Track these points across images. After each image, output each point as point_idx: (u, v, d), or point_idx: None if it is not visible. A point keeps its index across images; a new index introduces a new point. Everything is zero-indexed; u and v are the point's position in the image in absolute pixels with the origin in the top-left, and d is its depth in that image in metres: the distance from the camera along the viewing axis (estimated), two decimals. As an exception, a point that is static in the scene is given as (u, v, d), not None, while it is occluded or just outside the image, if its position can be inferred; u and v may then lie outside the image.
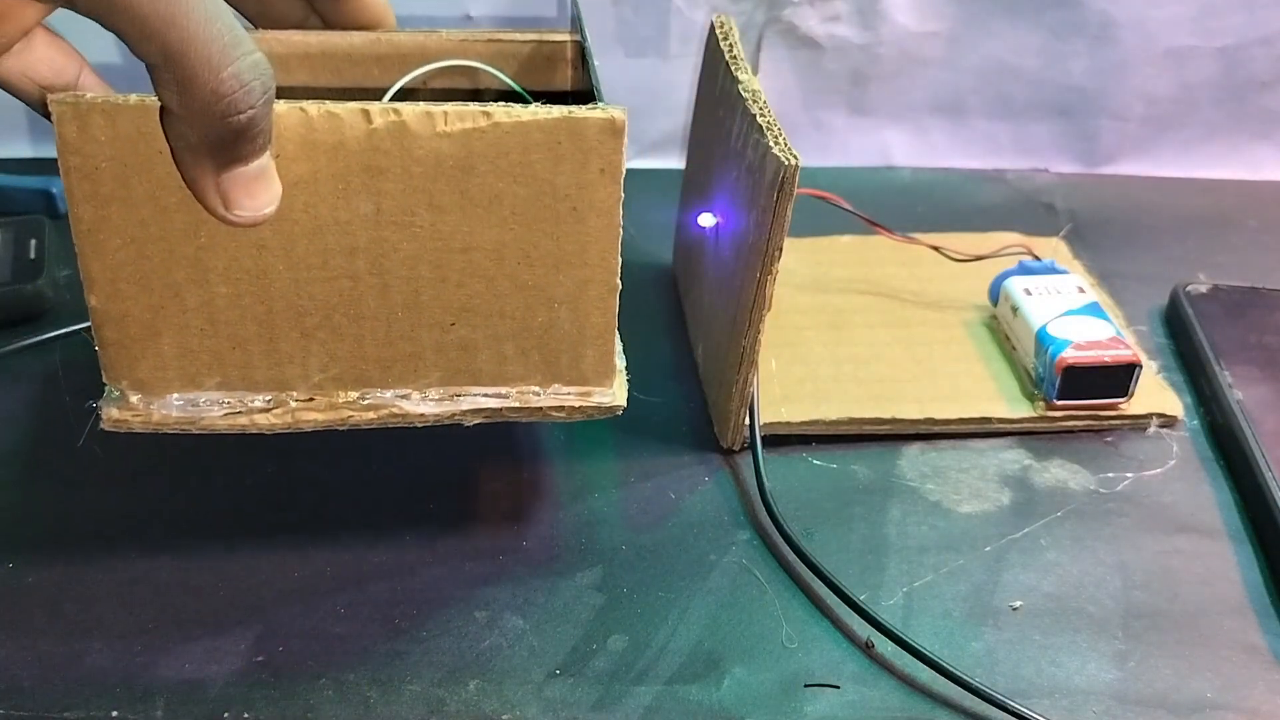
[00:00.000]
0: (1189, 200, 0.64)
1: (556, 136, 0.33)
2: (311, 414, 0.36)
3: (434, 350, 0.36)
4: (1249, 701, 0.36)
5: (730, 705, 0.36)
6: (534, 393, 0.37)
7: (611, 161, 0.34)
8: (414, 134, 0.33)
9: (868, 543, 0.42)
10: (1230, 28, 0.63)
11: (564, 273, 0.35)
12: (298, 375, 0.36)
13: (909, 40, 0.64)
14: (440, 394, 0.37)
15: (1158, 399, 0.48)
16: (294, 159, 0.32)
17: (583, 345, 0.37)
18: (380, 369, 0.36)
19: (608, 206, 0.35)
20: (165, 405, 0.36)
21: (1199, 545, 0.42)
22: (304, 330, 0.35)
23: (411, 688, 0.36)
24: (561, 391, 0.38)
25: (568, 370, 0.37)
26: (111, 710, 0.35)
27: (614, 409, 0.38)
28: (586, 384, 0.38)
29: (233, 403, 0.36)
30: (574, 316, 0.36)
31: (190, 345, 0.35)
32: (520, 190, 0.34)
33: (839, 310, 0.53)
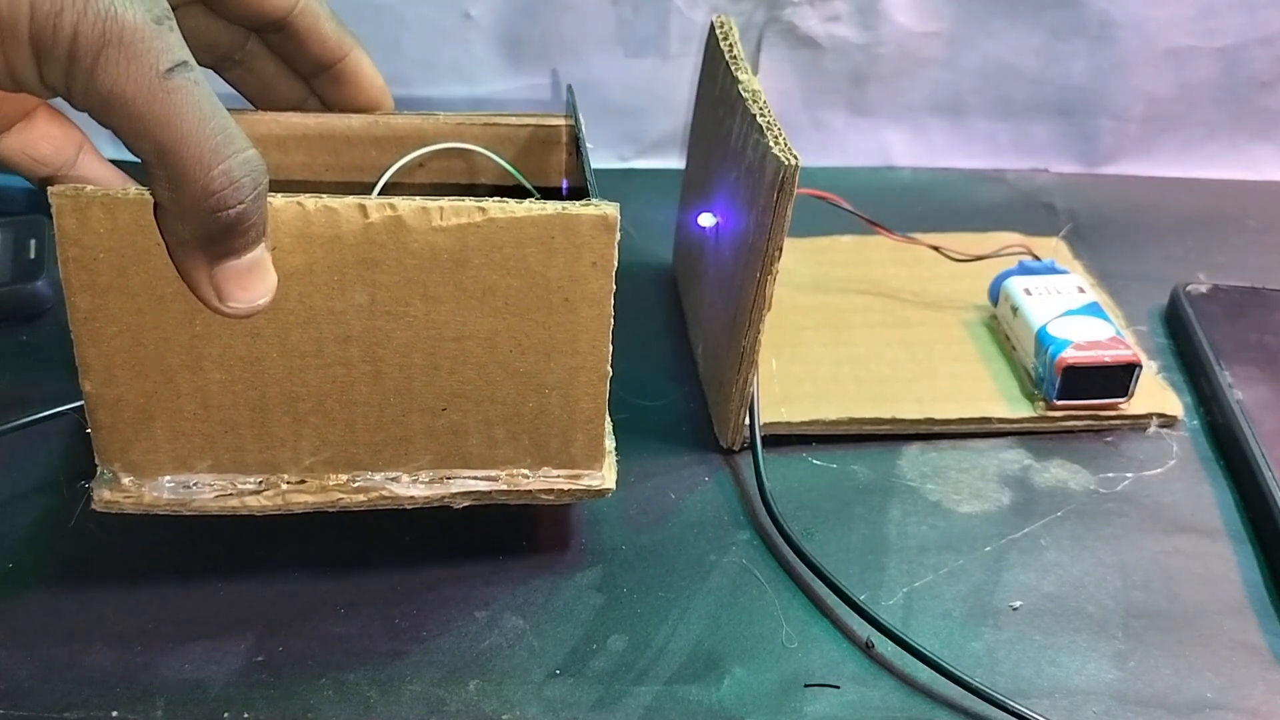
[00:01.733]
0: (1189, 200, 0.64)
1: (550, 232, 0.34)
2: (302, 496, 0.37)
3: (425, 434, 0.37)
4: (1249, 701, 0.36)
5: (730, 705, 0.36)
6: (523, 475, 0.38)
7: (604, 255, 0.34)
8: (410, 228, 0.33)
9: (868, 543, 0.42)
10: (1230, 28, 0.63)
11: (555, 360, 0.36)
12: (289, 458, 0.37)
13: (909, 40, 0.64)
14: (430, 476, 0.38)
15: (1158, 399, 0.48)
16: (290, 251, 0.33)
17: (573, 430, 0.37)
18: (371, 453, 0.37)
19: (599, 298, 0.35)
20: (157, 487, 0.36)
21: (1199, 545, 0.42)
22: (296, 415, 0.36)
23: (411, 688, 0.36)
24: (551, 475, 0.38)
25: (557, 454, 0.38)
26: (111, 710, 0.35)
27: (603, 492, 0.39)
28: (576, 467, 0.38)
29: (224, 485, 0.37)
30: (564, 402, 0.37)
31: (183, 429, 0.36)
32: (514, 282, 0.35)
33: (839, 310, 0.53)
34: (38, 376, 0.49)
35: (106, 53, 0.28)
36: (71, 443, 0.44)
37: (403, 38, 0.62)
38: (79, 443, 0.37)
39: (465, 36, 0.63)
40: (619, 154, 0.67)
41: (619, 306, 0.36)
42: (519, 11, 0.62)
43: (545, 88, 0.65)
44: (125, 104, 0.29)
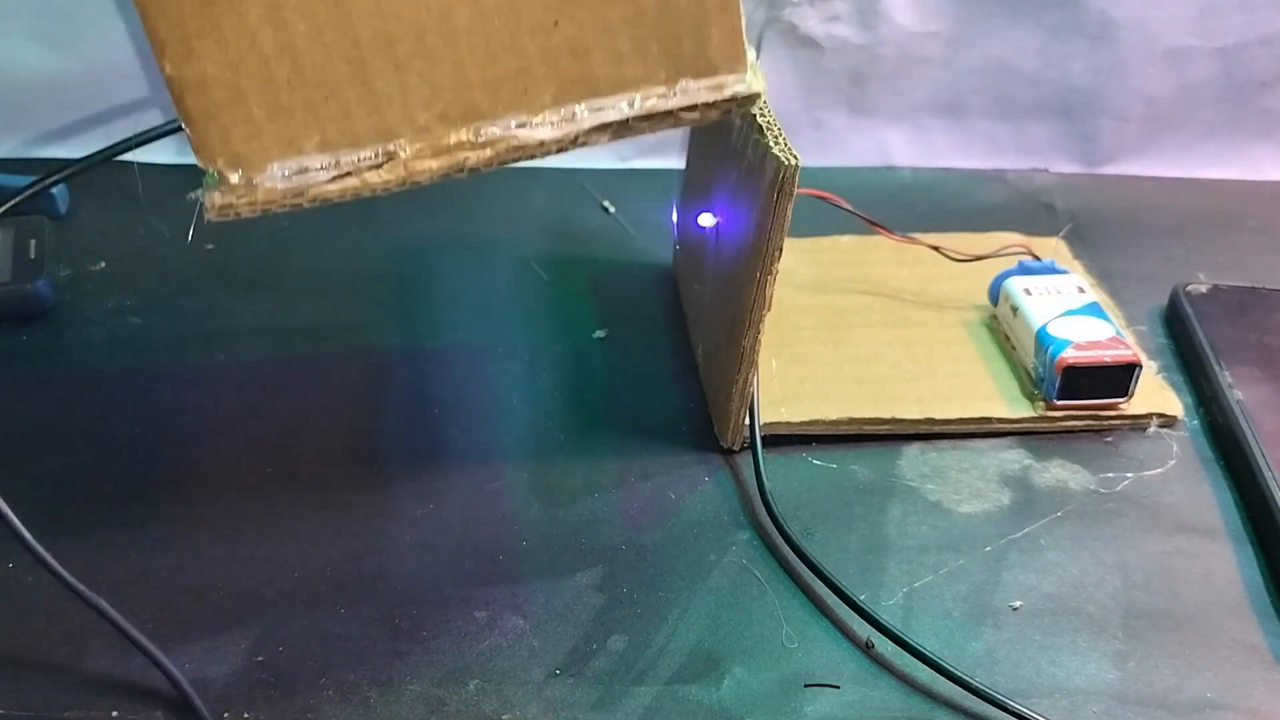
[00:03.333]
0: (1189, 200, 0.64)
1: None
2: (425, 162, 0.33)
3: (542, 60, 0.33)
4: (1249, 701, 0.36)
5: (730, 705, 0.36)
6: (660, 94, 0.34)
7: None
8: None
9: (868, 543, 0.42)
10: (1230, 28, 0.63)
11: None
12: (401, 119, 0.33)
13: (909, 40, 0.63)
14: (557, 115, 0.34)
15: (1158, 399, 0.48)
16: None
17: (705, 23, 0.33)
18: (488, 95, 0.33)
19: None
20: (269, 178, 0.33)
21: (1199, 545, 0.42)
22: (397, 62, 0.32)
23: (411, 688, 0.36)
24: (690, 86, 0.34)
25: (693, 59, 0.33)
26: (111, 710, 0.35)
27: (752, 98, 0.34)
28: (717, 73, 0.34)
29: (340, 163, 0.33)
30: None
31: (280, 102, 0.32)
32: None
33: (839, 310, 0.53)
34: (38, 377, 0.49)
35: None
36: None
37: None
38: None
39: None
40: (619, 154, 0.67)
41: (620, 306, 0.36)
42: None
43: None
44: None
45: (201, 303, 0.53)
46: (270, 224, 0.63)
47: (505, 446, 0.46)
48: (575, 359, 0.51)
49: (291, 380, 0.49)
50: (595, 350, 0.51)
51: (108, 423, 0.46)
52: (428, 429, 0.47)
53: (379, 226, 0.60)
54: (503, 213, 0.62)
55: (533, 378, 0.49)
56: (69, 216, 0.60)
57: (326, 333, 0.52)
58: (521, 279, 0.56)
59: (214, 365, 0.49)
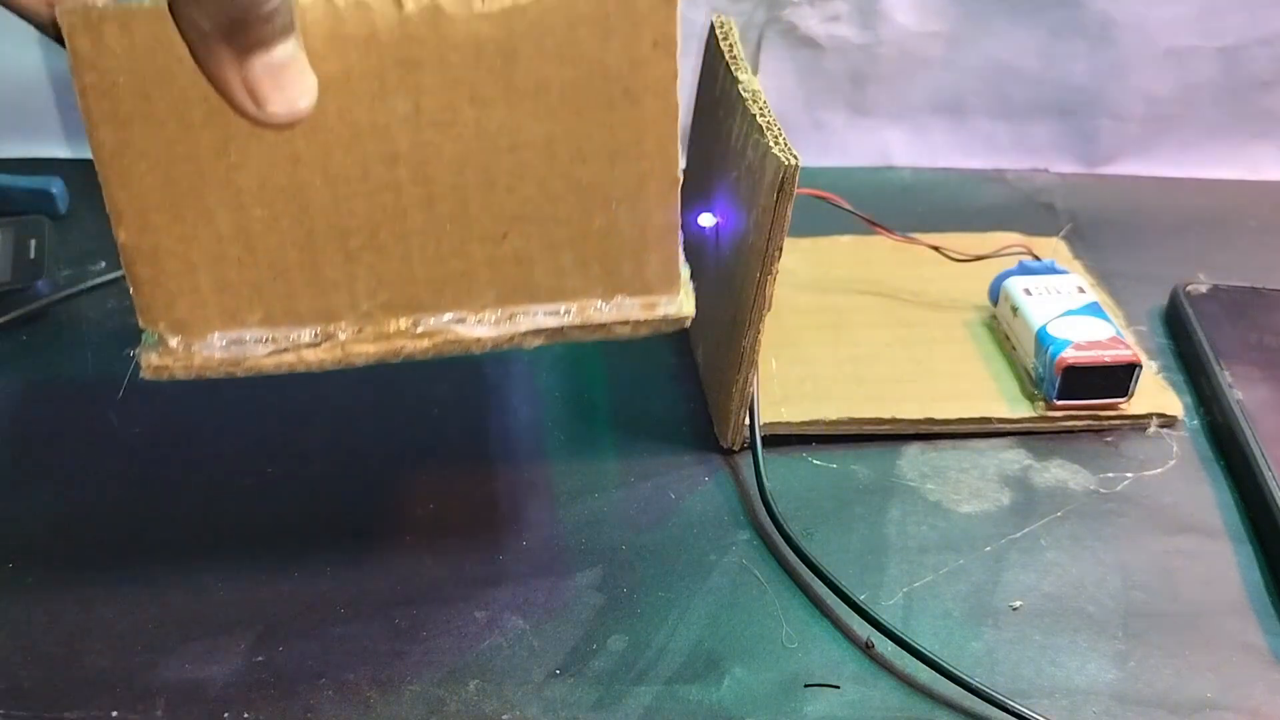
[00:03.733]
0: (1189, 200, 0.64)
1: (604, 8, 0.31)
2: (362, 346, 0.34)
3: (487, 266, 0.34)
4: (1249, 701, 0.36)
5: (730, 705, 0.36)
6: (596, 307, 0.35)
7: (665, 33, 0.32)
8: (450, 17, 0.31)
9: (868, 543, 0.42)
10: (1230, 28, 0.63)
11: (620, 166, 0.33)
12: (344, 303, 0.34)
13: (909, 40, 0.63)
14: (497, 315, 0.35)
15: (1158, 399, 0.48)
16: (323, 57, 0.30)
17: (645, 249, 0.34)
18: (432, 291, 0.34)
19: (663, 86, 0.32)
20: (207, 346, 0.34)
21: (1199, 545, 0.42)
22: (348, 252, 0.33)
23: (411, 688, 0.36)
24: (625, 304, 0.35)
25: (631, 279, 0.35)
26: (111, 710, 0.35)
27: (681, 320, 0.36)
28: (651, 293, 0.35)
29: (278, 339, 0.34)
30: (634, 216, 0.34)
31: (228, 277, 0.33)
32: (568, 73, 0.32)
33: (839, 310, 0.53)
34: (39, 377, 0.49)
35: None
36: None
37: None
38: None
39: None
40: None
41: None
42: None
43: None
44: None
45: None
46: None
47: (505, 446, 0.46)
48: (575, 359, 0.51)
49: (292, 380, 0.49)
50: (595, 350, 0.51)
51: (108, 423, 0.46)
52: (428, 429, 0.47)
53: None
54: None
55: (533, 378, 0.49)
56: (69, 216, 0.60)
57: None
58: (521, 279, 0.56)
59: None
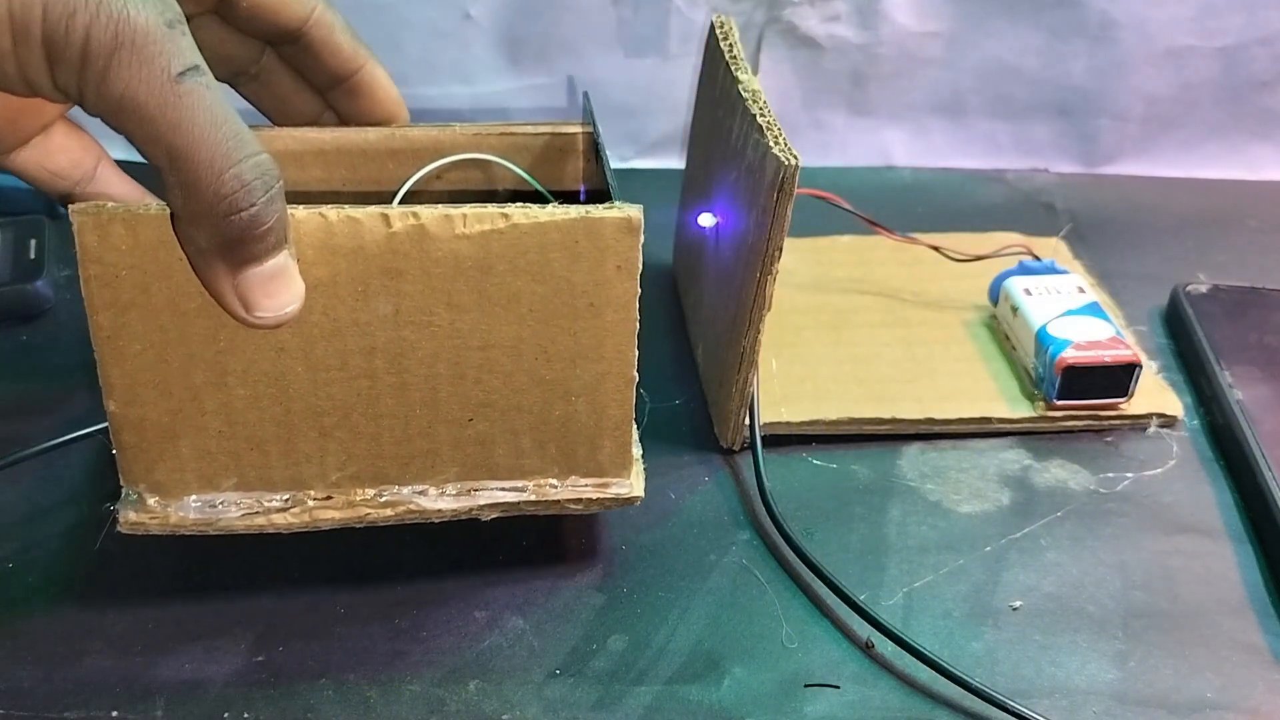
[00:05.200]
0: (1189, 200, 0.64)
1: (574, 236, 0.34)
2: (329, 513, 0.37)
3: (451, 446, 0.37)
4: (1249, 701, 0.36)
5: (730, 705, 0.36)
6: (551, 485, 0.38)
7: (628, 259, 0.35)
8: (433, 236, 0.33)
9: (868, 543, 0.42)
10: (1230, 28, 0.63)
11: (581, 367, 0.36)
12: (315, 474, 0.36)
13: (909, 40, 0.64)
14: (457, 489, 0.37)
15: (1158, 399, 0.48)
16: (313, 263, 0.33)
17: (600, 437, 0.37)
18: (398, 466, 0.37)
19: (625, 301, 0.35)
20: (182, 507, 0.36)
21: (1199, 545, 0.42)
22: (322, 430, 0.36)
23: (411, 688, 0.36)
24: (579, 484, 0.38)
25: (585, 462, 0.38)
26: (111, 710, 0.35)
27: (631, 500, 0.38)
28: (604, 475, 0.38)
29: (250, 503, 0.36)
30: (591, 409, 0.37)
31: (208, 447, 0.35)
32: (538, 288, 0.34)
33: (839, 310, 0.53)
34: (37, 377, 0.49)
35: (119, 55, 0.28)
36: (98, 463, 0.44)
37: (403, 38, 0.63)
38: (105, 463, 0.37)
39: (465, 36, 0.63)
40: (619, 154, 0.67)
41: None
42: (519, 11, 0.63)
43: (545, 88, 0.65)
44: (137, 107, 0.29)
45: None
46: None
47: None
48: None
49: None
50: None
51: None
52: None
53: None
54: (503, 213, 0.62)
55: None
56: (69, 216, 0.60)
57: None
58: (521, 279, 0.56)
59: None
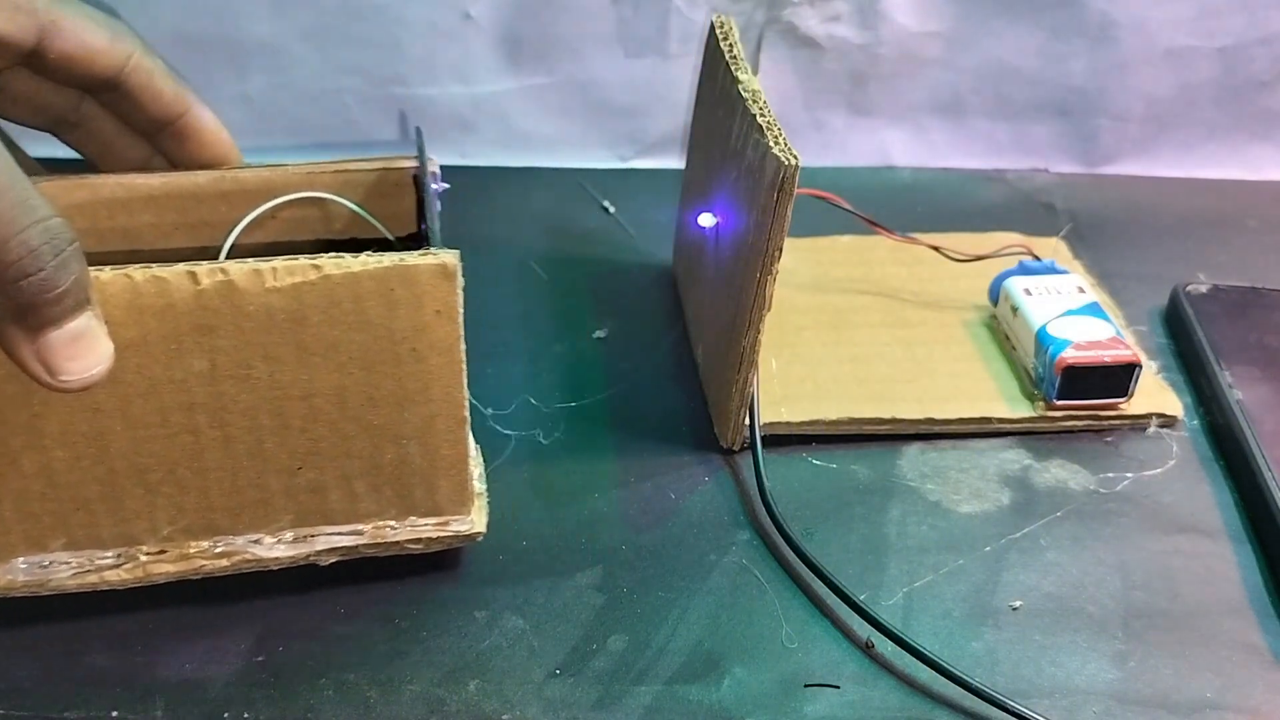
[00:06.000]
0: (1189, 200, 0.64)
1: (388, 284, 0.33)
2: (163, 566, 0.36)
3: (283, 495, 0.36)
4: (1249, 701, 0.36)
5: (730, 705, 0.36)
6: (390, 527, 0.38)
7: (447, 303, 0.34)
8: (243, 291, 0.33)
9: (868, 543, 0.42)
10: (1230, 28, 0.63)
11: (409, 410, 0.35)
12: (145, 530, 0.36)
13: (909, 40, 0.63)
14: (294, 535, 0.37)
15: (1158, 399, 0.48)
16: (122, 324, 0.32)
17: (435, 477, 0.37)
18: (229, 517, 0.36)
19: (448, 344, 0.35)
20: (10, 570, 0.36)
21: (1199, 545, 0.42)
22: (148, 486, 0.35)
23: (411, 688, 0.36)
24: (418, 524, 0.38)
25: (423, 502, 0.37)
26: (111, 710, 0.35)
27: (473, 536, 0.38)
28: (443, 514, 0.38)
29: (81, 562, 0.36)
30: (424, 451, 0.36)
31: (31, 509, 0.35)
32: (356, 337, 0.34)
33: (839, 310, 0.53)
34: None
35: None
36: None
37: (403, 38, 0.63)
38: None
39: (465, 36, 0.63)
40: (619, 154, 0.67)
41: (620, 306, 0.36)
42: (519, 11, 0.63)
43: (545, 88, 0.65)
44: None
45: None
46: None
47: (506, 446, 0.46)
48: (575, 359, 0.51)
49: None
50: (595, 350, 0.51)
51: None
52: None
53: (379, 226, 0.60)
54: (503, 213, 0.62)
55: (533, 378, 0.49)
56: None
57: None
58: (521, 279, 0.56)
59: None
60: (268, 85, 0.63)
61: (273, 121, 0.64)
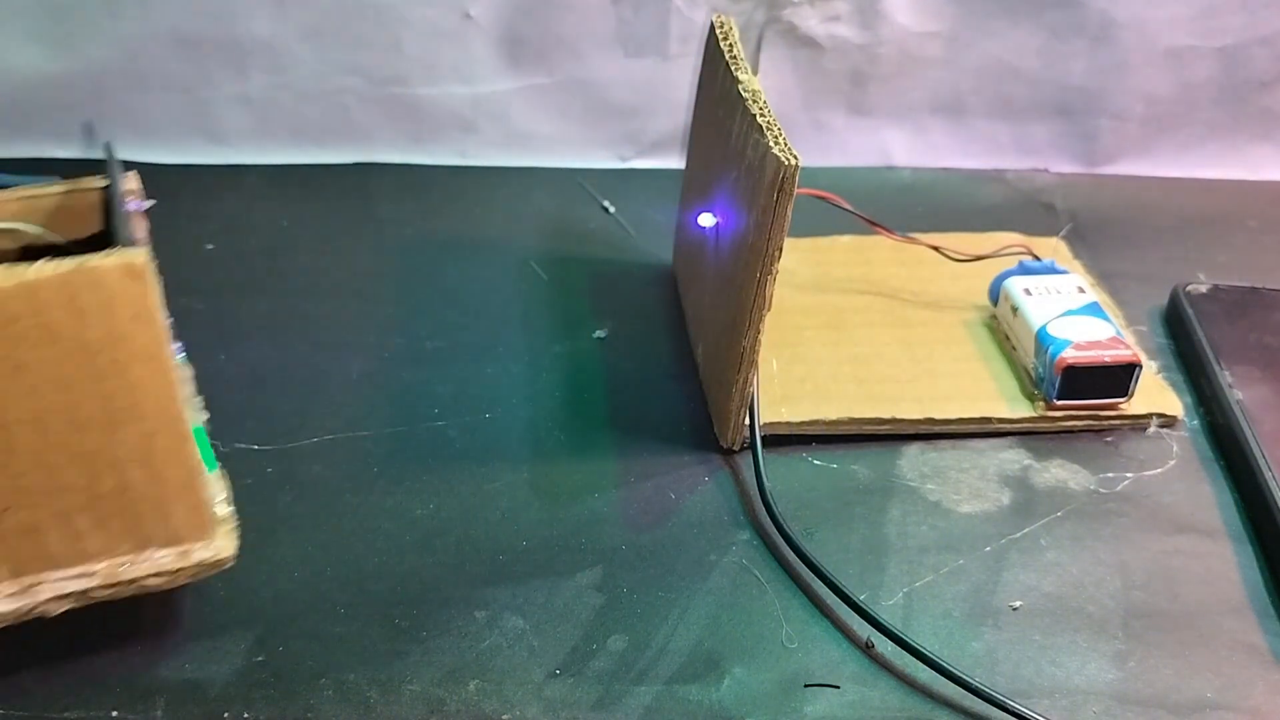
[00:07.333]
0: (1189, 200, 0.64)
1: (72, 291, 0.31)
2: None
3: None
4: (1249, 701, 0.36)
5: (730, 705, 0.36)
6: (125, 564, 0.34)
7: (143, 307, 0.31)
8: None
9: (868, 543, 0.42)
10: (1230, 28, 0.63)
11: (121, 430, 0.32)
12: None
13: (909, 40, 0.64)
14: (14, 587, 0.33)
15: (1158, 399, 0.48)
16: None
17: (167, 501, 0.34)
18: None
19: (153, 352, 0.32)
20: None
21: (1199, 545, 0.42)
22: None
23: (411, 688, 0.36)
24: (156, 555, 0.34)
25: (157, 532, 0.34)
26: (111, 710, 0.35)
27: (221, 563, 0.35)
28: (182, 542, 0.35)
29: None
30: (148, 475, 0.33)
31: None
32: (45, 353, 0.31)
33: (839, 310, 0.53)
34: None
35: None
36: None
37: (403, 38, 0.63)
38: None
39: (465, 36, 0.63)
40: (619, 154, 0.67)
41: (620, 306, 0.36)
42: (519, 11, 0.63)
43: (545, 88, 0.65)
44: None
45: (201, 302, 0.53)
46: (270, 224, 0.63)
47: (505, 446, 0.46)
48: (575, 359, 0.51)
49: (292, 380, 0.49)
50: (595, 350, 0.51)
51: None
52: (428, 429, 0.47)
53: (379, 226, 0.60)
54: (503, 213, 0.62)
55: (533, 378, 0.49)
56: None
57: (326, 332, 0.52)
58: (521, 279, 0.56)
59: (214, 365, 0.49)
60: (268, 85, 0.64)
61: (273, 121, 0.64)
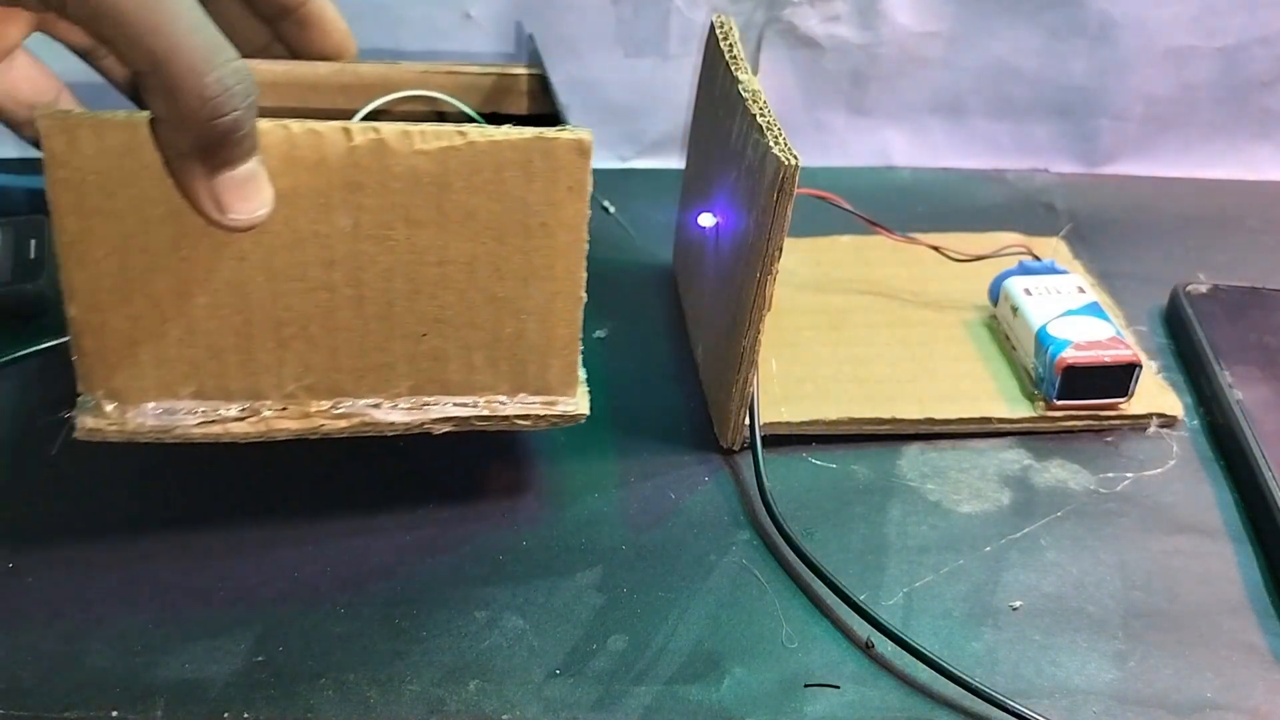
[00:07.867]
0: (1189, 200, 0.64)
1: (528, 155, 0.35)
2: (285, 423, 0.37)
3: (406, 360, 0.37)
4: (1249, 701, 0.36)
5: (730, 705, 0.36)
6: (500, 401, 0.39)
7: (579, 180, 0.36)
8: (393, 151, 0.34)
9: (868, 543, 0.42)
10: (1230, 28, 0.63)
11: (533, 285, 0.37)
12: (272, 384, 0.37)
13: (909, 40, 0.63)
14: (410, 403, 0.38)
15: (1158, 399, 0.48)
16: (276, 174, 0.33)
17: (549, 355, 0.38)
18: (353, 378, 0.37)
19: (575, 223, 0.36)
20: (140, 414, 0.36)
21: (1199, 545, 0.42)
22: (280, 340, 0.36)
23: (411, 688, 0.36)
24: (528, 400, 0.39)
25: (534, 380, 0.39)
26: (111, 710, 0.35)
27: (577, 417, 0.39)
28: (551, 393, 0.39)
29: (207, 411, 0.37)
30: (541, 328, 0.38)
31: (168, 355, 0.36)
32: (493, 206, 0.35)
33: (839, 310, 0.53)
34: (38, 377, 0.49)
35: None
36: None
37: (403, 38, 0.62)
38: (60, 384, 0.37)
39: (465, 36, 0.63)
40: (619, 154, 0.67)
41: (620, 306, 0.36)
42: (519, 11, 0.62)
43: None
44: (118, 12, 0.29)
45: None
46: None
47: (505, 446, 0.46)
48: (575, 359, 0.51)
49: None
50: (595, 350, 0.51)
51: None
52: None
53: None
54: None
55: (533, 378, 0.49)
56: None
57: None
58: (521, 279, 0.56)
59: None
60: (268, 85, 0.63)
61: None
